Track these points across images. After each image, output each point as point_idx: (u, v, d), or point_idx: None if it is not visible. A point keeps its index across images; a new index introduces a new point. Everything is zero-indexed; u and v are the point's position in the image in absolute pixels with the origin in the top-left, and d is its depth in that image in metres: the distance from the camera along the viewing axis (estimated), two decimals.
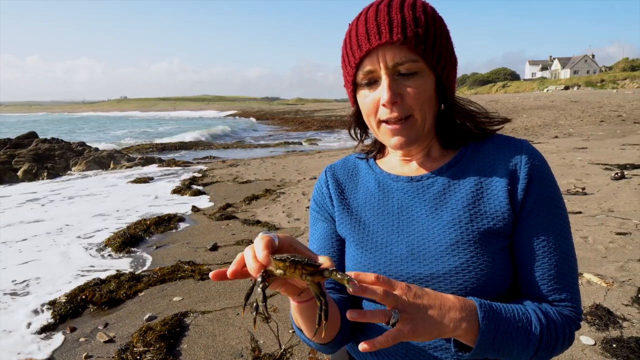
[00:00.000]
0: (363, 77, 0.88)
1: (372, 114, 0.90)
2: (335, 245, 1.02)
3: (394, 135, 0.89)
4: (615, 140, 12.10)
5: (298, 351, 2.91)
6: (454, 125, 0.96)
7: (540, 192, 0.88)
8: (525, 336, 0.80)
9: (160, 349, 2.97)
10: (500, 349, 0.78)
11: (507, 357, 0.81)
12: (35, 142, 15.51)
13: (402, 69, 0.84)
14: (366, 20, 0.85)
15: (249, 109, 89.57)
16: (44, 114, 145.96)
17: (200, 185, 9.42)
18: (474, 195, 0.90)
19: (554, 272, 0.87)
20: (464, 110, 0.94)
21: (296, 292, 0.75)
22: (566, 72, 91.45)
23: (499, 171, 0.90)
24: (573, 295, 0.88)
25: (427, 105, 0.87)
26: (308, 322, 0.83)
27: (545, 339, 0.81)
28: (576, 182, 6.99)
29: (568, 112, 23.29)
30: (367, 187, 1.02)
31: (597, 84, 62.91)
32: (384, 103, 0.85)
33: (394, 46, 0.82)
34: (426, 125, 0.90)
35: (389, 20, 0.82)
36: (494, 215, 0.88)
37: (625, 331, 2.82)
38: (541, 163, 0.90)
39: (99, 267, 4.75)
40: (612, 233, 4.57)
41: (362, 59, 0.86)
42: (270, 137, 25.97)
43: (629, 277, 3.55)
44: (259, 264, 0.64)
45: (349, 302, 1.00)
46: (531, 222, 0.88)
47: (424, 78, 0.86)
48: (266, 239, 0.66)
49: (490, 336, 0.76)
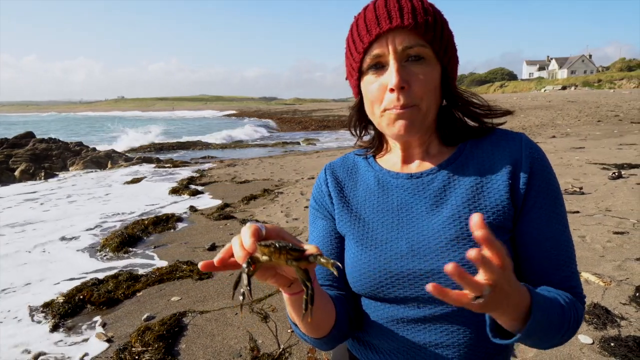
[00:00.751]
0: (370, 61, 0.87)
1: (377, 101, 0.88)
2: (334, 242, 1.02)
3: (398, 118, 0.87)
4: (613, 140, 12.14)
5: (297, 350, 2.91)
6: (454, 120, 0.96)
7: (541, 185, 0.88)
8: (561, 318, 0.78)
9: (159, 348, 2.96)
10: (543, 334, 0.74)
11: (542, 342, 0.77)
12: (32, 142, 15.47)
13: (412, 52, 0.84)
14: (375, 7, 0.85)
15: (247, 109, 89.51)
16: (53, 113, 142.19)
17: (199, 185, 9.41)
18: (474, 190, 0.90)
19: (562, 261, 0.88)
20: (466, 102, 0.94)
21: (286, 283, 0.75)
22: (563, 72, 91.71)
23: (498, 165, 0.90)
24: (578, 282, 0.90)
25: (432, 95, 0.87)
26: (300, 315, 0.83)
27: (573, 320, 0.81)
28: (574, 181, 7.01)
29: (565, 112, 23.35)
30: (367, 185, 1.01)
31: (594, 84, 63.09)
32: (392, 87, 0.84)
33: (404, 31, 0.83)
34: (429, 116, 0.90)
35: (399, 7, 0.83)
36: (494, 209, 0.88)
37: (623, 330, 2.83)
38: (541, 156, 0.90)
39: (96, 267, 4.75)
40: (609, 232, 4.58)
41: (371, 43, 0.85)
42: (269, 137, 25.98)
43: (627, 276, 3.57)
44: (245, 252, 0.65)
45: (347, 299, 1.00)
46: (534, 215, 0.88)
47: (432, 66, 0.86)
48: (253, 227, 0.66)
49: (539, 320, 0.71)
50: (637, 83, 56.67)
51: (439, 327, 0.89)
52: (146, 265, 4.69)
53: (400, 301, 0.90)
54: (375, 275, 0.91)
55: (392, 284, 0.90)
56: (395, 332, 0.92)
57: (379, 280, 0.91)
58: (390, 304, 0.92)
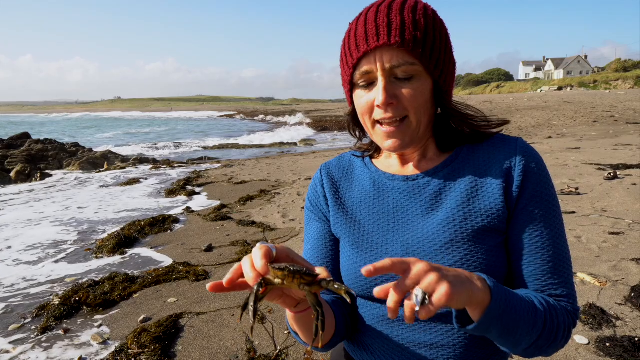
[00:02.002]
0: (360, 77, 0.88)
1: (367, 114, 0.91)
2: (329, 245, 1.03)
3: (388, 138, 0.89)
4: (608, 141, 12.20)
5: (293, 352, 2.91)
6: (450, 129, 0.96)
7: (534, 189, 0.88)
8: (531, 316, 0.78)
9: (155, 350, 2.95)
10: (507, 324, 0.75)
11: (510, 337, 0.78)
12: (28, 143, 15.40)
13: (399, 72, 0.84)
14: (366, 22, 0.85)
15: (244, 109, 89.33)
16: (65, 114, 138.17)
17: (195, 185, 9.39)
18: (468, 193, 0.91)
19: (549, 268, 0.87)
20: (461, 115, 0.94)
21: (293, 304, 0.75)
22: (559, 72, 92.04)
23: (493, 169, 0.91)
24: (569, 291, 0.88)
25: (422, 109, 0.88)
26: (304, 330, 0.84)
27: (549, 324, 0.80)
28: (570, 182, 7.03)
29: (561, 112, 23.44)
30: (363, 186, 1.02)
31: (590, 84, 63.39)
32: (379, 104, 0.86)
33: (391, 48, 0.83)
34: (421, 128, 0.90)
35: (388, 22, 0.82)
36: (488, 212, 0.88)
37: (619, 330, 2.84)
38: (536, 161, 0.90)
39: (92, 268, 4.73)
40: (605, 233, 4.60)
41: (359, 59, 0.86)
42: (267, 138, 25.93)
43: (622, 276, 3.58)
44: (257, 273, 0.65)
45: (343, 302, 1.01)
46: (526, 219, 0.88)
47: (421, 82, 0.86)
48: (264, 248, 0.66)
49: (501, 306, 0.73)
50: (633, 84, 56.97)
51: (434, 327, 0.89)
52: (143, 267, 4.67)
53: None
54: (371, 278, 0.91)
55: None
56: (390, 332, 0.93)
57: (375, 284, 0.91)
58: (385, 305, 0.93)
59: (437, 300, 0.63)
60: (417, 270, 0.66)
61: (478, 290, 0.71)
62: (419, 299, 0.64)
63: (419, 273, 0.65)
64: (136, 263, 4.82)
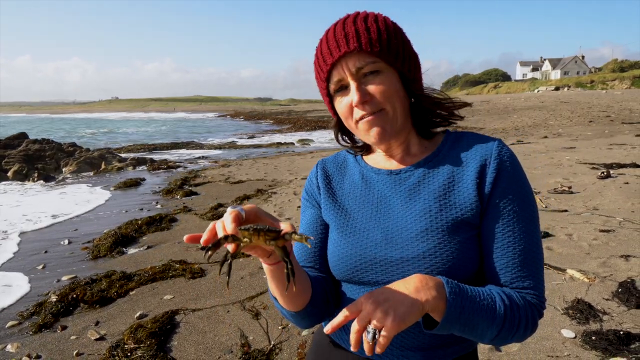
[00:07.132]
0: (334, 87, 0.99)
1: (348, 117, 1.00)
2: (319, 229, 1.12)
3: (371, 127, 0.97)
4: (603, 140, 12.29)
5: (287, 346, 2.96)
6: (426, 113, 1.05)
7: (508, 186, 0.94)
8: (490, 313, 0.85)
9: (151, 345, 3.01)
10: (466, 324, 0.83)
11: (472, 333, 0.86)
12: (25, 143, 15.41)
13: (366, 71, 0.94)
14: (327, 40, 0.97)
15: (242, 110, 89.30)
16: (64, 115, 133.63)
17: (192, 185, 9.44)
18: (445, 187, 0.98)
19: (518, 260, 0.93)
20: (429, 98, 1.03)
21: (266, 255, 0.85)
22: (556, 73, 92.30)
23: (470, 166, 0.98)
24: (536, 283, 0.93)
25: (395, 98, 0.96)
26: (279, 285, 0.92)
27: (509, 318, 0.87)
28: (563, 181, 7.11)
29: (558, 112, 23.56)
30: (353, 179, 1.11)
31: (587, 84, 63.59)
32: (356, 104, 0.96)
33: (353, 54, 0.94)
34: (398, 117, 0.98)
35: (344, 34, 0.94)
36: (462, 206, 0.95)
37: (605, 324, 2.90)
38: (510, 160, 0.96)
39: (90, 266, 4.77)
40: (596, 230, 4.67)
41: (329, 71, 0.97)
42: (265, 138, 25.98)
43: (611, 272, 3.65)
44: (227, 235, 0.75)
45: (325, 280, 1.08)
46: (496, 214, 0.94)
47: (387, 75, 0.96)
48: (234, 212, 0.76)
49: (457, 310, 0.82)
50: (630, 84, 57.19)
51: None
52: (139, 265, 4.72)
53: (373, 285, 0.98)
54: (352, 260, 1.00)
55: (367, 269, 0.98)
56: None
57: (355, 265, 0.99)
58: (365, 287, 1.00)
59: (385, 335, 0.76)
60: (365, 311, 0.79)
61: (432, 299, 0.81)
62: (369, 336, 0.77)
63: (368, 313, 0.78)
64: (133, 261, 4.86)
